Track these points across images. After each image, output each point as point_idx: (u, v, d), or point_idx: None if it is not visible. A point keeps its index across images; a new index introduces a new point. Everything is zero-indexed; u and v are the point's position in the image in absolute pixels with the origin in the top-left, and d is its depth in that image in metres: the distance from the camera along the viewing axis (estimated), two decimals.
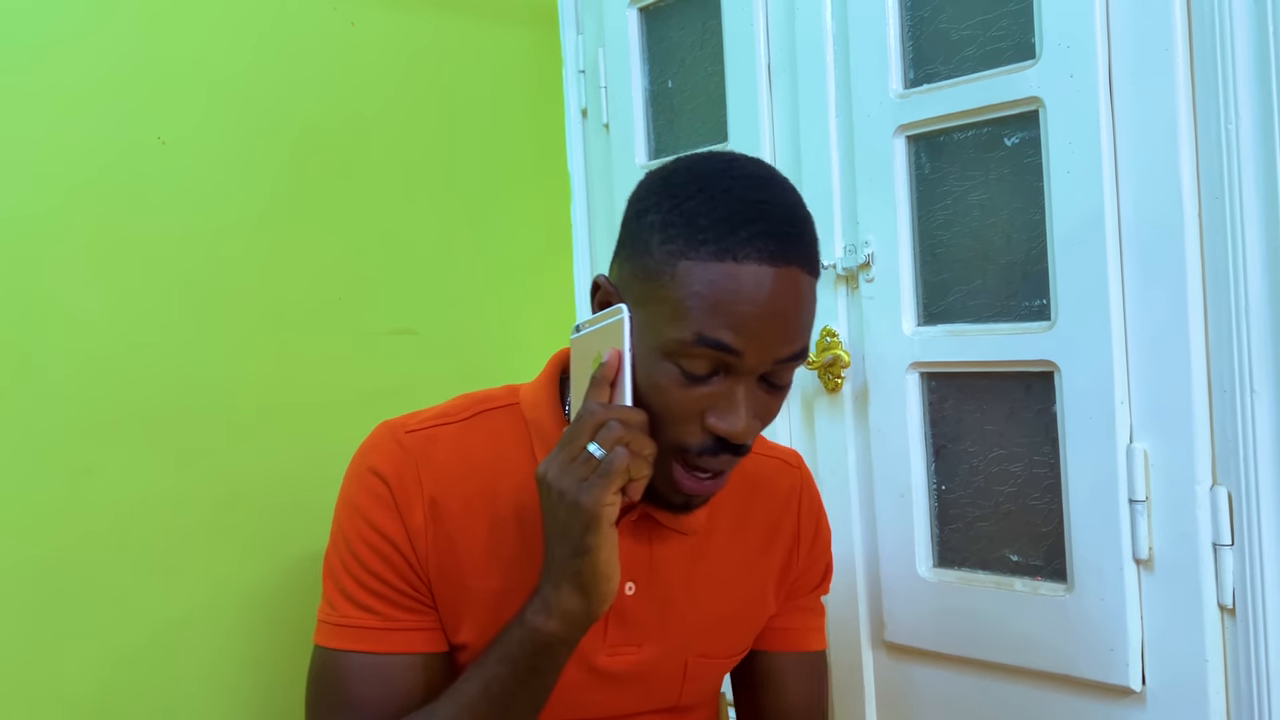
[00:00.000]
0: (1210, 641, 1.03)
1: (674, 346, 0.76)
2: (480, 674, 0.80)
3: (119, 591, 1.12)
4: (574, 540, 0.75)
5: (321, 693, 0.85)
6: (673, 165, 0.83)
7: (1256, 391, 0.99)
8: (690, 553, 0.92)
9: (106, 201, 1.12)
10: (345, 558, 0.85)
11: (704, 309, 0.74)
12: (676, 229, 0.76)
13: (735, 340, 0.75)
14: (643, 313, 0.78)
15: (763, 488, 0.99)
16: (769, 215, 0.76)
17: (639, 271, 0.79)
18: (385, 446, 0.87)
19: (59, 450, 1.08)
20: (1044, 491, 1.16)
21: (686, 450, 0.79)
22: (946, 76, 1.21)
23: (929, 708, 1.25)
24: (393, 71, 1.40)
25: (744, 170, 0.80)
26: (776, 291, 0.75)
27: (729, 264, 0.74)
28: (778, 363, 0.77)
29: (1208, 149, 1.01)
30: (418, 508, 0.85)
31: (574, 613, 0.76)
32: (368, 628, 0.84)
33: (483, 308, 1.49)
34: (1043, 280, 1.14)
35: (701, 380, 0.77)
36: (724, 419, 0.77)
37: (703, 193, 0.77)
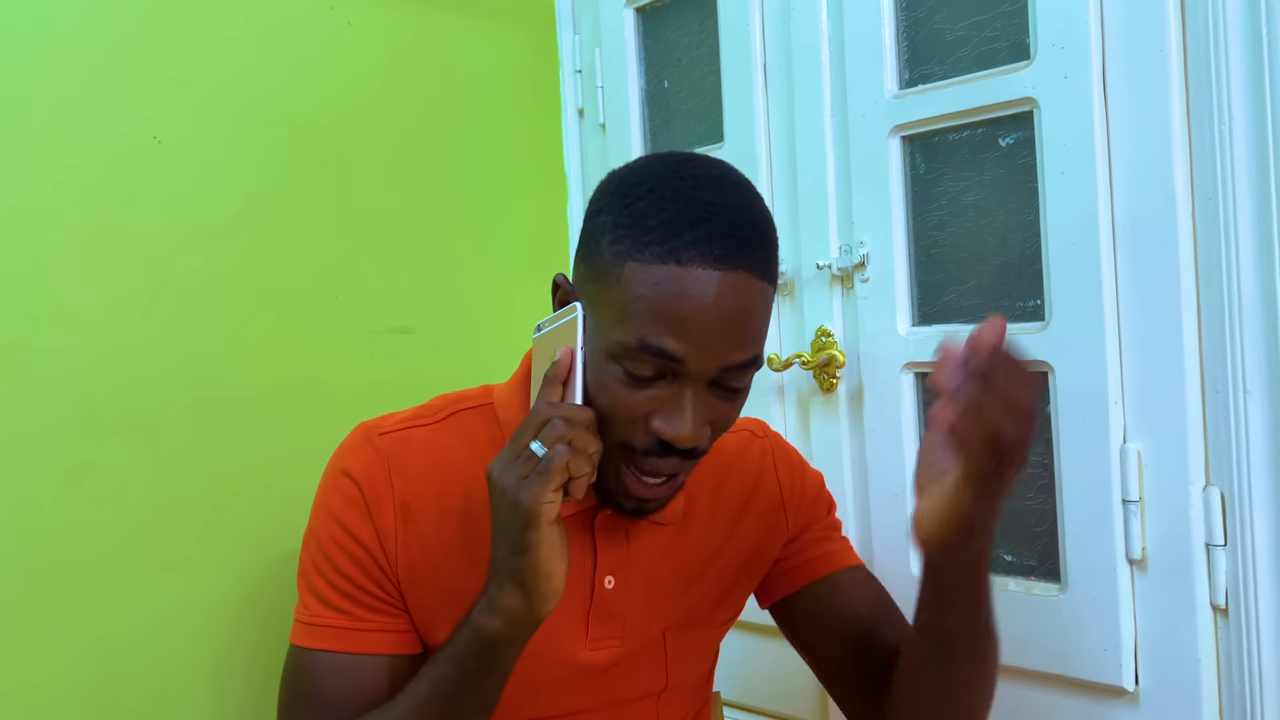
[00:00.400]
0: (1203, 642, 1.03)
1: (618, 349, 0.75)
2: (431, 673, 0.80)
3: (114, 588, 1.12)
4: (514, 538, 0.74)
5: (291, 689, 0.87)
6: (631, 164, 0.83)
7: (1250, 392, 0.99)
8: (669, 541, 0.92)
9: (103, 201, 1.12)
10: (317, 558, 0.86)
11: (647, 313, 0.73)
12: (624, 229, 0.76)
13: (678, 347, 0.74)
14: (594, 313, 0.78)
15: (734, 462, 0.98)
16: (717, 217, 0.75)
17: (590, 272, 0.79)
18: (359, 449, 0.87)
19: (54, 448, 1.08)
20: (1038, 491, 1.16)
21: (632, 450, 0.78)
22: (941, 77, 1.22)
23: None
24: (390, 71, 1.40)
25: (696, 171, 0.79)
26: (723, 296, 0.74)
27: (672, 267, 0.73)
28: (725, 370, 0.76)
29: (1201, 150, 1.02)
30: (389, 510, 0.85)
31: (516, 611, 0.76)
32: (337, 627, 0.85)
33: (479, 307, 1.50)
34: (1037, 281, 1.14)
35: (647, 383, 0.76)
36: (669, 423, 0.76)
37: (653, 193, 0.76)
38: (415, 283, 1.42)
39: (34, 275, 1.08)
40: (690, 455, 0.79)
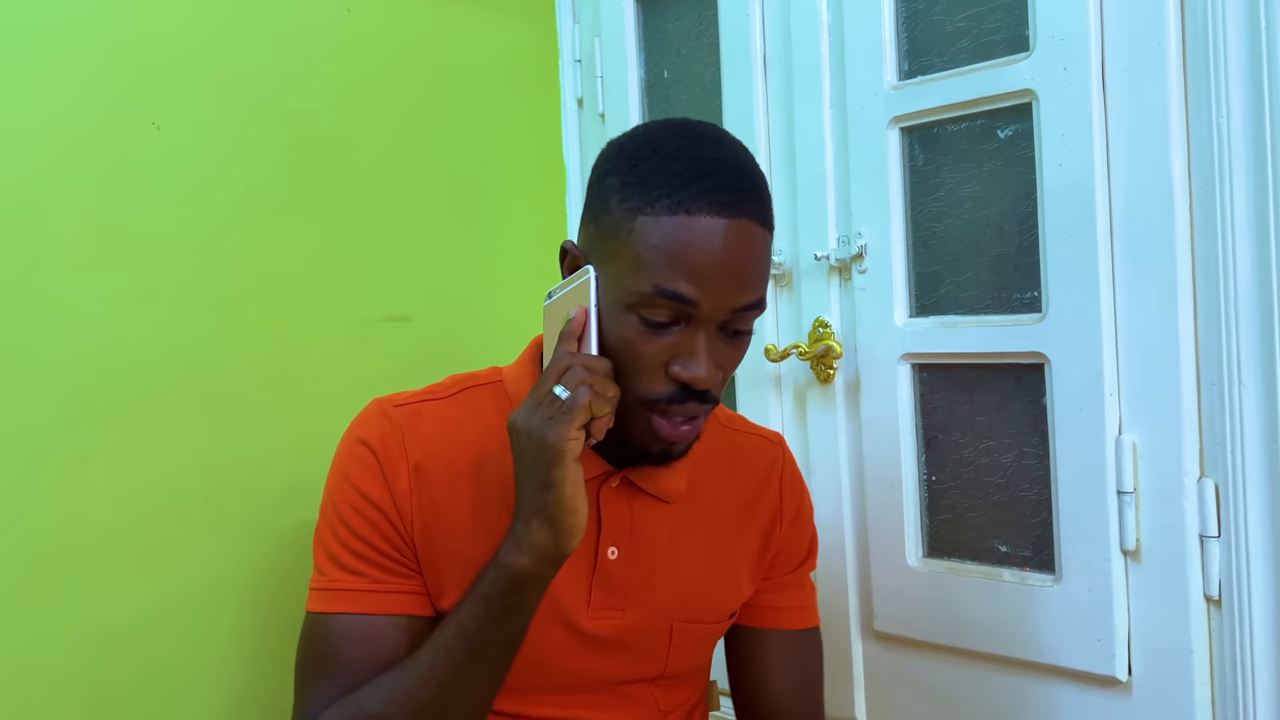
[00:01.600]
0: (1196, 632, 1.03)
1: (634, 299, 0.79)
2: (457, 616, 0.82)
3: (111, 576, 1.12)
4: (540, 475, 0.78)
5: (310, 655, 0.87)
6: (631, 131, 0.88)
7: (1245, 385, 0.99)
8: (672, 520, 0.94)
9: (100, 187, 1.12)
10: (334, 524, 0.88)
11: (661, 261, 0.78)
12: (633, 188, 0.80)
13: (692, 290, 0.78)
14: (606, 270, 0.82)
15: (744, 462, 1.01)
16: (720, 170, 0.80)
17: (602, 231, 0.83)
18: (374, 420, 0.90)
19: (52, 436, 1.08)
20: (1033, 483, 1.16)
21: (655, 401, 0.82)
22: (940, 69, 1.22)
23: (917, 697, 1.26)
24: (389, 59, 1.40)
25: (696, 131, 0.84)
26: (730, 241, 0.79)
27: (682, 217, 0.78)
28: (735, 311, 0.81)
29: (1199, 143, 1.02)
30: (403, 474, 0.88)
31: (543, 546, 0.79)
32: (355, 590, 0.86)
33: (477, 295, 1.50)
34: (1034, 272, 1.14)
35: (663, 329, 0.80)
36: (686, 366, 0.80)
37: (657, 153, 0.81)
38: (413, 271, 1.42)
39: (31, 262, 1.07)
40: (705, 398, 0.83)
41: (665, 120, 0.87)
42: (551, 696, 0.92)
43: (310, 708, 0.85)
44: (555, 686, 0.92)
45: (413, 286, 1.41)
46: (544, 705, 0.92)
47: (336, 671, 0.85)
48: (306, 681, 0.87)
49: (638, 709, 0.96)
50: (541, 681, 0.91)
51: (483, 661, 0.82)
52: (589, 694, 0.93)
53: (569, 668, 0.91)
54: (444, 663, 0.81)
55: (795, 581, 1.03)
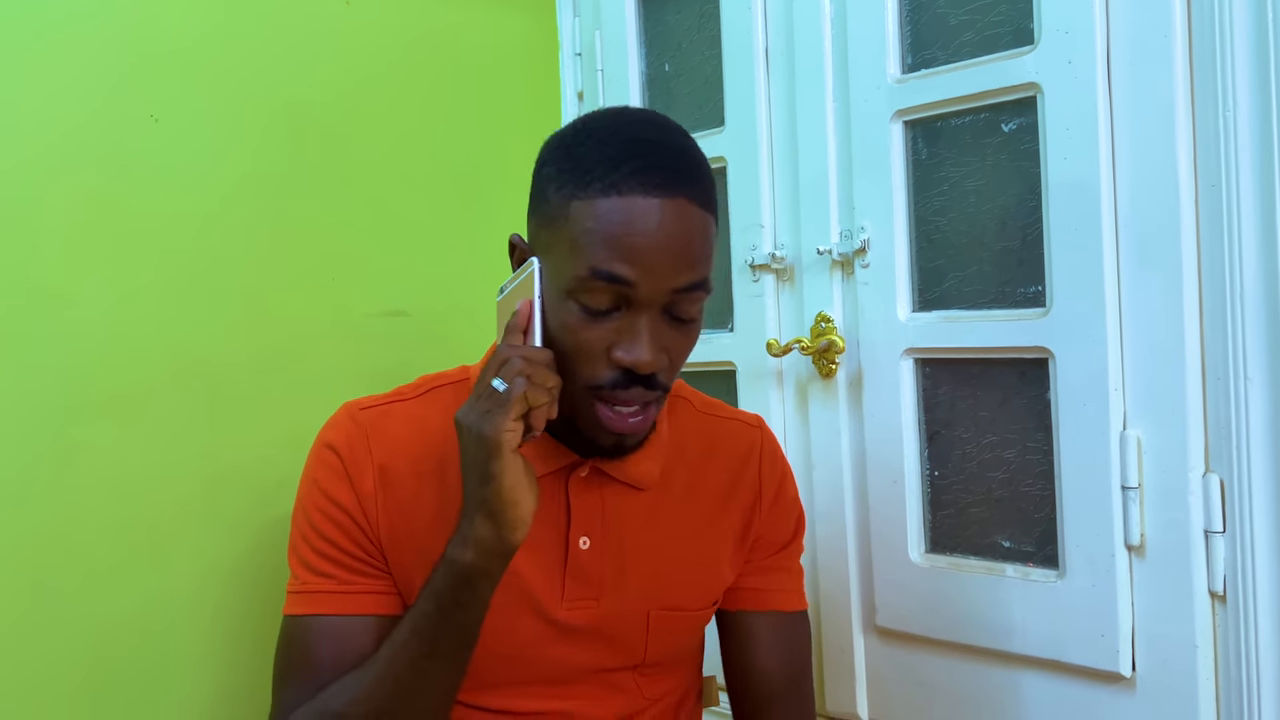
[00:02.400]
0: (1200, 628, 1.03)
1: (573, 284, 0.79)
2: (411, 614, 0.83)
3: (108, 566, 1.11)
4: (480, 469, 0.78)
5: (285, 658, 0.89)
6: (570, 123, 0.88)
7: (1250, 379, 0.99)
8: (647, 508, 0.94)
9: (97, 178, 1.11)
10: (304, 528, 0.90)
11: (595, 243, 0.78)
12: (568, 174, 0.80)
13: (627, 271, 0.77)
14: (547, 259, 0.82)
15: (721, 447, 1.00)
16: (653, 150, 0.80)
17: (541, 221, 0.84)
18: (341, 424, 0.92)
19: (48, 426, 1.07)
20: (1037, 478, 1.16)
21: (599, 387, 0.81)
22: (944, 62, 1.21)
23: (919, 693, 1.26)
24: (388, 52, 1.39)
25: (631, 116, 0.85)
26: (666, 221, 0.78)
27: (614, 198, 0.78)
28: (675, 292, 0.80)
29: (1205, 137, 1.01)
30: (368, 475, 0.88)
31: (487, 540, 0.79)
32: (325, 591, 0.88)
33: (475, 290, 1.49)
34: (1038, 267, 1.14)
35: (603, 315, 0.80)
36: (628, 350, 0.79)
37: (591, 138, 0.81)
38: (411, 265, 1.41)
39: (27, 252, 1.06)
40: (652, 384, 0.82)
41: (601, 109, 0.87)
42: (535, 688, 0.92)
43: (283, 708, 0.87)
44: (537, 678, 0.92)
45: (410, 281, 1.41)
46: (528, 698, 0.92)
47: (308, 672, 0.86)
48: (281, 683, 0.89)
49: (623, 697, 0.96)
50: (522, 674, 0.91)
51: (437, 658, 0.82)
52: (572, 684, 0.93)
53: (548, 659, 0.92)
54: (400, 660, 0.82)
55: (780, 564, 1.02)
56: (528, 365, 0.78)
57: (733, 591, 1.01)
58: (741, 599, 1.01)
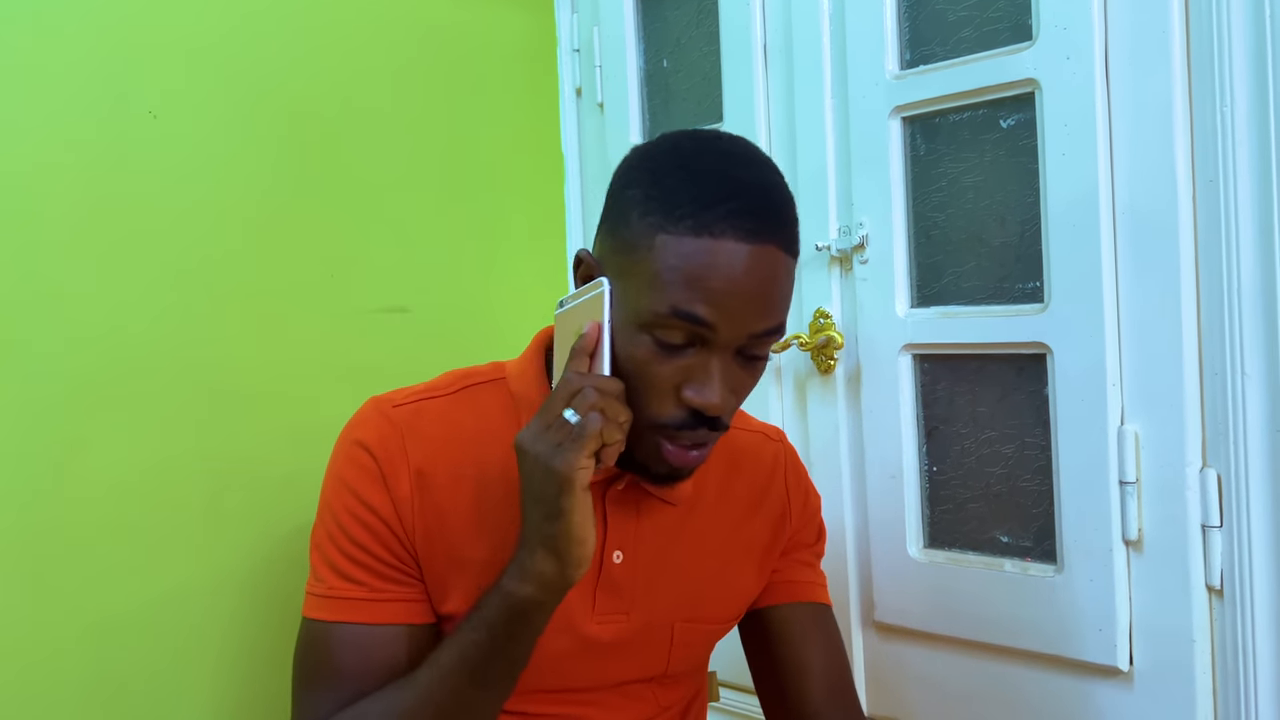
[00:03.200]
0: (1198, 622, 1.04)
1: (650, 318, 0.77)
2: (458, 641, 0.80)
3: (110, 564, 1.11)
4: (548, 504, 0.75)
5: (308, 664, 0.85)
6: (657, 141, 0.84)
7: (1248, 374, 0.99)
8: (677, 522, 0.93)
9: (97, 174, 1.11)
10: (332, 530, 0.86)
11: (679, 282, 0.75)
12: (656, 203, 0.77)
13: (709, 313, 0.75)
14: (622, 285, 0.79)
15: (746, 459, 1.00)
16: (747, 193, 0.77)
17: (619, 245, 0.80)
18: (372, 421, 0.88)
19: (49, 424, 1.07)
20: (1035, 473, 1.16)
21: (664, 426, 0.80)
22: (943, 58, 1.21)
23: (918, 687, 1.26)
24: (388, 47, 1.39)
25: (725, 148, 0.81)
26: (752, 268, 0.76)
27: (705, 239, 0.75)
28: (752, 337, 0.78)
29: (1202, 133, 1.02)
30: (404, 479, 0.85)
31: (548, 576, 0.77)
32: (354, 599, 0.84)
33: (475, 286, 1.49)
34: (1036, 263, 1.14)
35: (677, 351, 0.78)
36: (699, 392, 0.78)
37: (683, 169, 0.78)
38: (411, 262, 1.41)
39: (28, 250, 1.06)
40: (716, 425, 0.80)
41: (694, 132, 0.84)
42: (553, 695, 0.91)
43: (309, 717, 0.84)
44: (557, 687, 0.91)
45: (411, 277, 1.41)
46: (545, 704, 0.91)
47: (335, 681, 0.83)
48: (304, 689, 0.85)
49: (639, 705, 0.95)
50: (545, 683, 0.90)
51: (483, 688, 0.80)
52: (590, 693, 0.92)
53: (572, 671, 0.90)
54: (445, 685, 0.80)
55: (809, 560, 1.03)
56: (601, 399, 0.76)
57: (768, 587, 1.00)
58: (780, 592, 1.00)
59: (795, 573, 1.01)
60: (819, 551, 1.05)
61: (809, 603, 1.00)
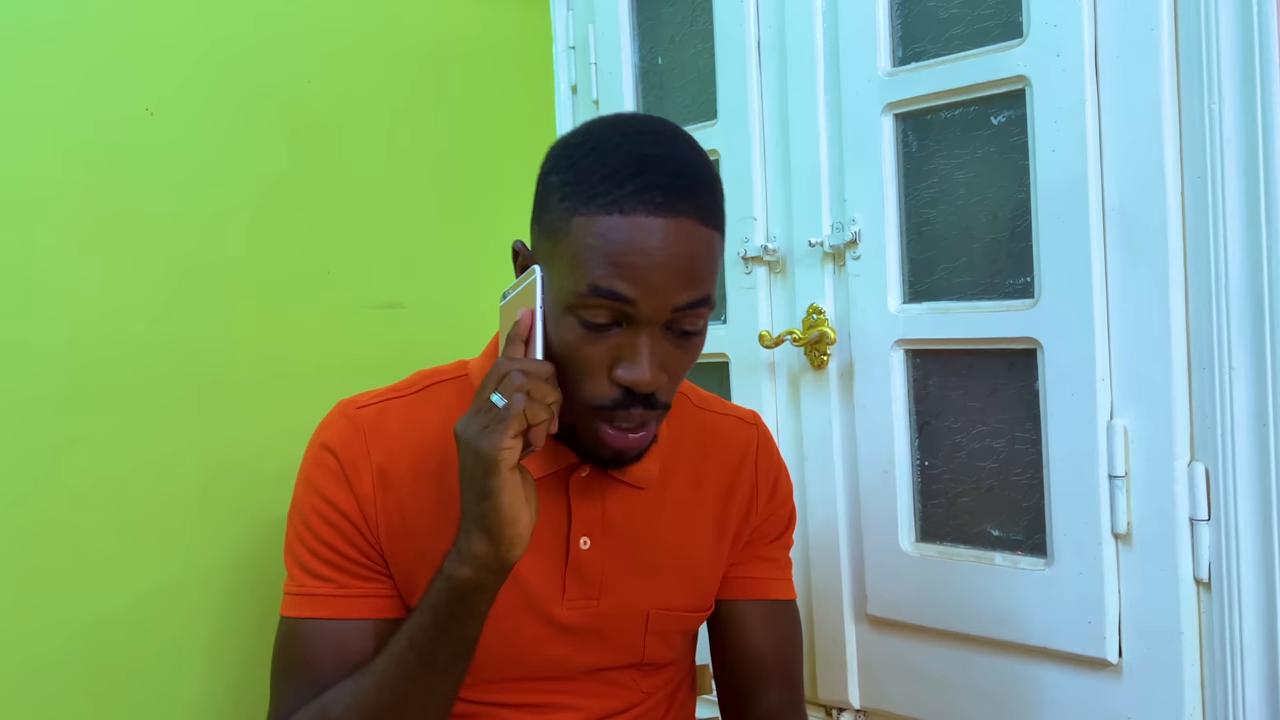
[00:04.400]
0: (1186, 614, 1.05)
1: (573, 299, 0.78)
2: (408, 626, 0.82)
3: (104, 561, 1.12)
4: (478, 485, 0.77)
5: (282, 660, 0.88)
6: (577, 128, 0.86)
7: (1235, 369, 1.00)
8: (647, 506, 0.94)
9: (94, 172, 1.12)
10: (301, 531, 0.88)
11: (596, 260, 0.77)
12: (571, 186, 0.79)
13: (627, 289, 0.76)
14: (548, 270, 0.81)
15: (718, 443, 1.00)
16: (657, 168, 0.78)
17: (544, 231, 0.82)
18: (337, 424, 0.90)
19: (44, 421, 1.08)
20: (1025, 467, 1.17)
21: (600, 408, 0.81)
22: (934, 55, 1.22)
23: (910, 680, 1.27)
24: (383, 45, 1.39)
25: (636, 126, 0.82)
26: (668, 241, 0.77)
27: (616, 217, 0.76)
28: (677, 310, 0.79)
29: (1191, 130, 1.02)
30: (366, 478, 0.87)
31: (484, 557, 0.78)
32: (323, 595, 0.87)
33: (469, 283, 1.50)
34: (1027, 258, 1.15)
35: (604, 331, 0.79)
36: (629, 369, 0.79)
37: (595, 150, 0.79)
38: (406, 258, 1.42)
39: (22, 247, 1.07)
40: (652, 403, 0.81)
41: (611, 115, 0.86)
42: (532, 684, 0.93)
43: (283, 709, 0.87)
44: (536, 675, 0.92)
45: (406, 274, 1.42)
46: (524, 693, 0.92)
47: (306, 675, 0.86)
48: (279, 684, 0.88)
49: (621, 692, 0.96)
50: (521, 671, 0.91)
51: (433, 670, 0.82)
52: (570, 681, 0.94)
53: (548, 658, 0.92)
54: (397, 670, 0.82)
55: (771, 555, 1.03)
56: (528, 380, 0.77)
57: (726, 581, 1.01)
58: (732, 588, 1.01)
59: (752, 568, 1.02)
60: (787, 541, 1.05)
61: (761, 600, 1.01)
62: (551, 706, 0.93)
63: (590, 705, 0.94)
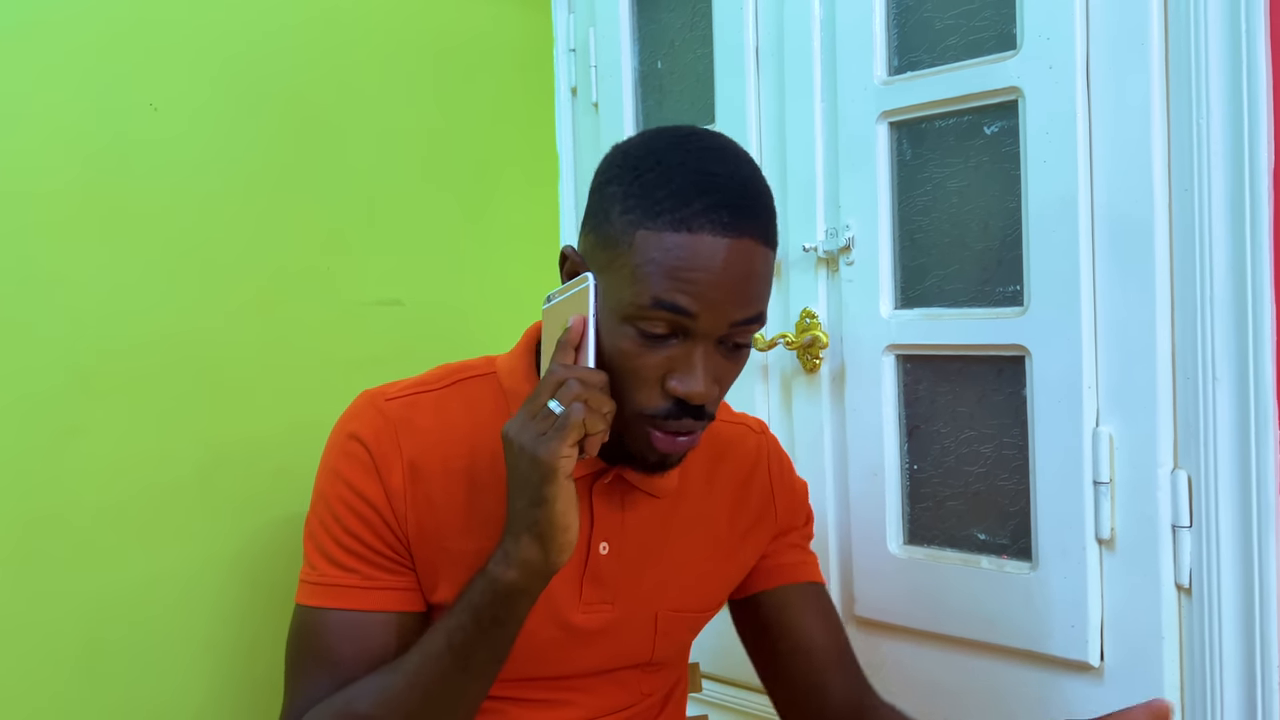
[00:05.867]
0: (1166, 619, 1.06)
1: (632, 310, 0.79)
2: (445, 625, 0.82)
3: (103, 551, 1.13)
4: (532, 492, 0.77)
5: (301, 649, 0.88)
6: (635, 139, 0.86)
7: (1219, 379, 1.02)
8: (663, 514, 0.95)
9: (97, 165, 1.13)
10: (326, 520, 0.88)
11: (659, 274, 0.78)
12: (635, 200, 0.80)
13: (690, 304, 0.78)
14: (605, 279, 0.82)
15: (730, 451, 1.02)
16: (723, 188, 0.79)
17: (601, 240, 0.83)
18: (365, 414, 0.90)
19: (45, 411, 1.09)
20: (1012, 472, 1.19)
21: (651, 416, 0.82)
22: (929, 65, 1.24)
23: (896, 681, 1.29)
24: (385, 44, 1.41)
25: (701, 143, 0.83)
26: (730, 261, 0.78)
27: (684, 234, 0.78)
28: (734, 325, 0.80)
29: (1179, 143, 1.04)
30: (396, 470, 0.87)
31: (533, 562, 0.79)
32: (347, 586, 0.87)
33: (469, 281, 1.51)
34: (1017, 267, 1.16)
35: (660, 342, 0.80)
36: (683, 381, 0.80)
37: (660, 165, 0.80)
38: (406, 256, 1.43)
39: (25, 238, 1.08)
40: (700, 415, 0.83)
41: (671, 129, 0.86)
42: (541, 683, 0.93)
43: (301, 700, 0.86)
44: (545, 675, 0.93)
45: (405, 271, 1.43)
46: (533, 689, 0.93)
47: (327, 666, 0.85)
48: (297, 674, 0.88)
49: (624, 691, 0.97)
50: (532, 671, 0.92)
51: (469, 671, 0.82)
52: (577, 679, 0.95)
53: (560, 660, 0.92)
54: (431, 669, 0.82)
55: (798, 543, 1.05)
56: (585, 389, 0.78)
57: (761, 572, 1.02)
58: (773, 576, 1.02)
59: (787, 555, 1.03)
60: (808, 534, 1.07)
61: (804, 583, 1.02)
62: (556, 703, 0.94)
63: (593, 703, 0.95)
